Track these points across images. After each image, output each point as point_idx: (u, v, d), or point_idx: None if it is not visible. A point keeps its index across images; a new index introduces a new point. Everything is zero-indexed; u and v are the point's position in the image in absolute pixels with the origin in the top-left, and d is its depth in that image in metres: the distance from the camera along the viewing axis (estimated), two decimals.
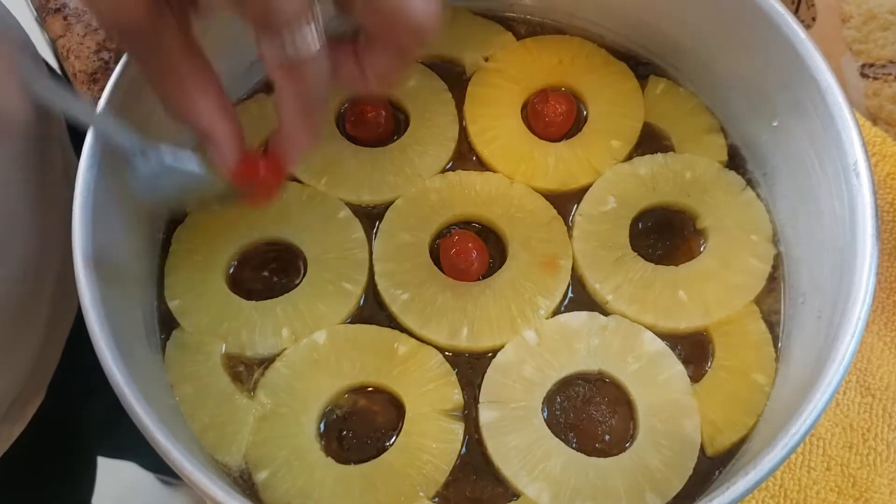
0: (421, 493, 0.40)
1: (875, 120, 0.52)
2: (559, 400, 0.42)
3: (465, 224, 0.47)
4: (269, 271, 0.45)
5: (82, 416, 0.69)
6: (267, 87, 0.50)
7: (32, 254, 0.49)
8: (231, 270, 0.45)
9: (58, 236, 0.51)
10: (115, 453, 0.94)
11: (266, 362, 0.43)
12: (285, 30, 0.29)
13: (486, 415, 0.41)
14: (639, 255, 0.45)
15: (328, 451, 0.41)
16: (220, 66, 0.48)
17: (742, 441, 0.41)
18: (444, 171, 0.47)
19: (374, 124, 0.48)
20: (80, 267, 0.36)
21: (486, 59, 0.50)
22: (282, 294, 0.44)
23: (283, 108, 0.32)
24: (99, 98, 0.40)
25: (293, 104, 0.32)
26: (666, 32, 0.48)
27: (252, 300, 0.44)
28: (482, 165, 0.48)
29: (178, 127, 0.32)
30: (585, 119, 0.49)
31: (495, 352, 0.43)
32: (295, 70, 0.30)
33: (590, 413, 0.42)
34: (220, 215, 0.45)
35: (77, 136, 0.47)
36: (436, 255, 0.45)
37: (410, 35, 0.31)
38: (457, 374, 0.42)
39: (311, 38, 0.29)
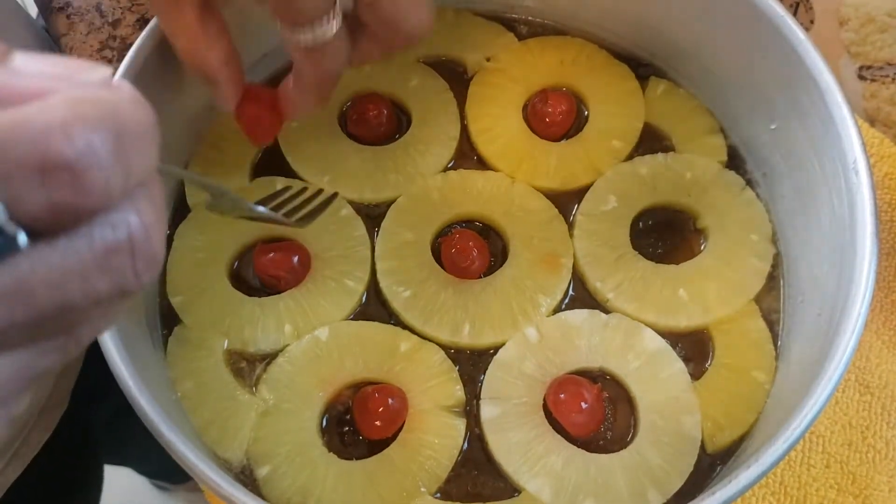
0: (422, 489, 0.40)
1: (873, 121, 0.52)
2: None
3: (467, 223, 0.47)
4: None
5: (91, 422, 0.69)
6: (275, 80, 0.50)
7: None
8: (234, 267, 0.45)
9: None
10: (112, 459, 0.94)
11: (268, 358, 0.43)
12: (307, 24, 0.32)
13: (487, 411, 0.41)
14: (639, 253, 0.45)
15: (330, 446, 0.41)
16: None
17: (742, 438, 0.41)
18: (445, 169, 0.48)
19: (377, 123, 0.48)
20: None
21: (488, 60, 0.50)
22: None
23: (299, 82, 0.37)
24: None
25: (310, 81, 0.36)
26: (666, 34, 0.49)
27: (254, 297, 0.44)
28: (483, 164, 0.48)
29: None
30: (586, 119, 0.49)
31: (497, 349, 0.43)
32: (313, 53, 0.33)
33: None
34: None
35: None
36: (437, 254, 0.45)
37: (402, 40, 0.37)
38: (458, 370, 0.43)
39: (330, 28, 0.32)
